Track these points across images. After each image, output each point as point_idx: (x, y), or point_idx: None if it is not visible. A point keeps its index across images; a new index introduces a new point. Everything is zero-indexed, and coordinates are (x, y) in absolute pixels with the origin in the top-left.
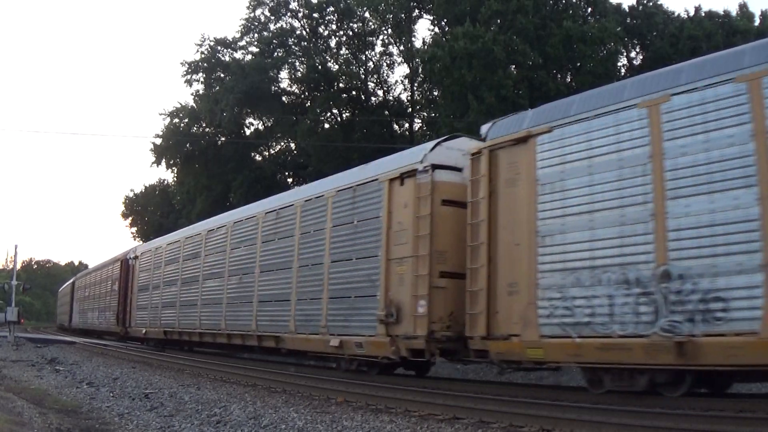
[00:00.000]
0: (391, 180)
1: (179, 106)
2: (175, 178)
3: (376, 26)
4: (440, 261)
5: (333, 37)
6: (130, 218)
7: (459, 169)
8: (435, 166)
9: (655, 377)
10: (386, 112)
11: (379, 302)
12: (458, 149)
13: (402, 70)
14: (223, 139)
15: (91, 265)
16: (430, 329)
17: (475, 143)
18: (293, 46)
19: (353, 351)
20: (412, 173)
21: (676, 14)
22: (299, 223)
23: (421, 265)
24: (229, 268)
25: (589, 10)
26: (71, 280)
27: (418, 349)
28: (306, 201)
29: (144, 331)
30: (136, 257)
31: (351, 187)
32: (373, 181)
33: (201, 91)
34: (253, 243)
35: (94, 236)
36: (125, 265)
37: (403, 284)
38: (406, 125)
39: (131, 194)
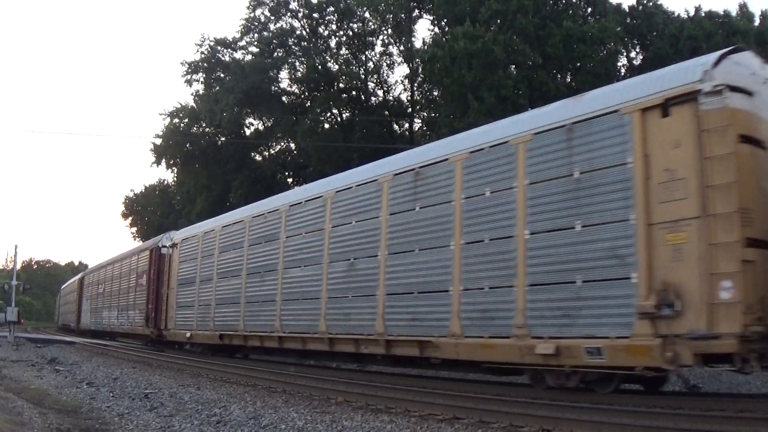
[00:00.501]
0: (645, 110)
1: (179, 106)
2: (175, 178)
3: (376, 26)
4: (745, 223)
5: (333, 37)
6: (130, 218)
7: (751, 93)
8: (730, 88)
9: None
10: (386, 112)
11: (638, 286)
12: (746, 66)
13: (402, 70)
14: (223, 139)
15: (91, 265)
16: (742, 323)
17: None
18: (293, 46)
19: (581, 360)
20: (686, 98)
21: (676, 14)
22: (460, 185)
23: (721, 229)
24: (330, 252)
25: (589, 10)
26: (79, 276)
27: (719, 354)
28: (473, 153)
29: (188, 335)
30: (173, 245)
31: (564, 127)
32: (608, 114)
33: (201, 91)
34: (376, 215)
35: (94, 236)
36: (156, 255)
37: (682, 259)
38: (406, 125)
39: (131, 194)
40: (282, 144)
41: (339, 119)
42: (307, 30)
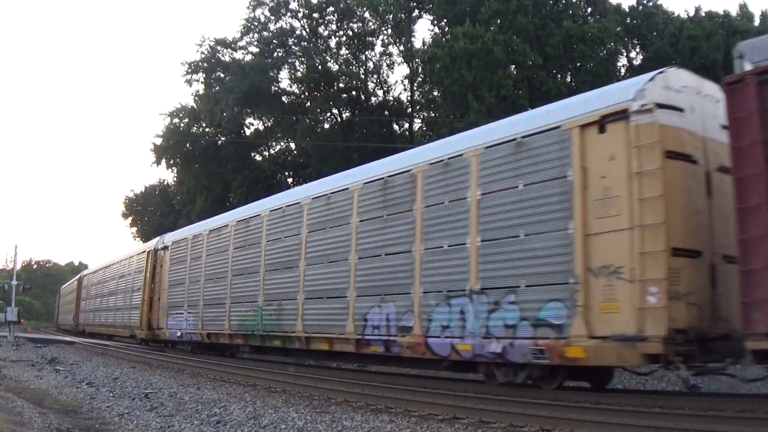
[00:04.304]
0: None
1: (179, 106)
2: (175, 178)
3: (376, 26)
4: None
5: (333, 37)
6: (130, 218)
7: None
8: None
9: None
10: (386, 112)
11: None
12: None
13: (402, 70)
14: (223, 139)
15: (91, 266)
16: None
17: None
18: (293, 46)
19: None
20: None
21: (676, 14)
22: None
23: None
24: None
25: (589, 10)
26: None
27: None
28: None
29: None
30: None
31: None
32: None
33: (201, 91)
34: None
35: (94, 236)
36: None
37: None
38: (406, 125)
39: (131, 194)
40: (282, 144)
41: (339, 119)
42: (307, 30)
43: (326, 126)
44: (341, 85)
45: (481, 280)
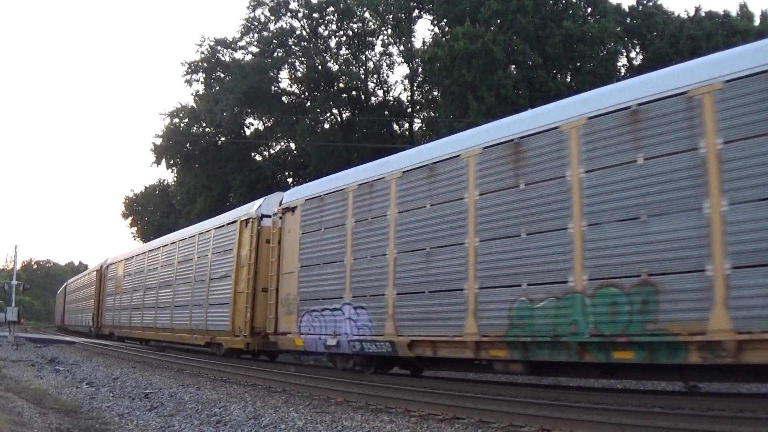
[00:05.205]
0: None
1: (179, 106)
2: (175, 178)
3: (376, 26)
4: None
5: (333, 37)
6: (130, 218)
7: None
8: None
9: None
10: (386, 112)
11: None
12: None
13: (402, 70)
14: (223, 139)
15: (90, 266)
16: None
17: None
18: (293, 46)
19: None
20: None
21: (676, 14)
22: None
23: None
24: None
25: (589, 10)
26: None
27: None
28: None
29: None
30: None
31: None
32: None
33: (201, 91)
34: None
35: (94, 236)
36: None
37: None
38: (406, 125)
39: (131, 194)
40: (282, 144)
41: (339, 119)
42: (307, 30)
43: (326, 126)
44: (341, 85)
45: None
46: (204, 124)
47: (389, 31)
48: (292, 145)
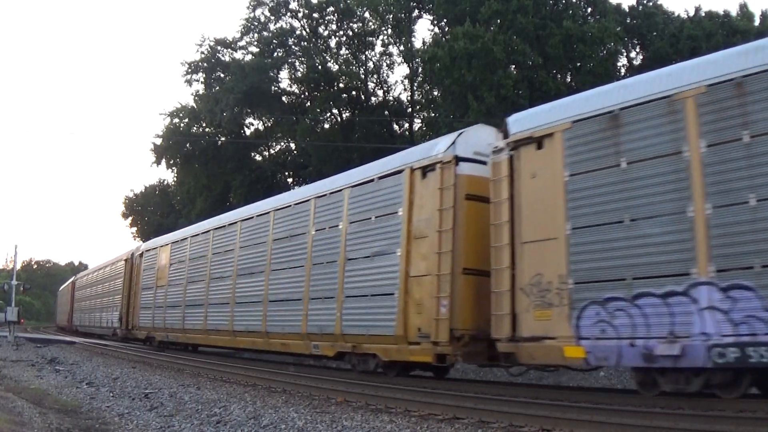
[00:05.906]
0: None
1: (179, 106)
2: (175, 178)
3: (376, 26)
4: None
5: (333, 37)
6: (130, 218)
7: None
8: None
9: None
10: (386, 112)
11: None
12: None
13: (402, 70)
14: (223, 139)
15: (91, 266)
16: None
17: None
18: (293, 46)
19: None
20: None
21: (676, 14)
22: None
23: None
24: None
25: (589, 10)
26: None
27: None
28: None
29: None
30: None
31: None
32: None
33: (201, 91)
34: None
35: (94, 236)
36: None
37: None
38: (406, 125)
39: (131, 194)
40: (282, 144)
41: (339, 119)
42: (307, 30)
43: (326, 126)
44: (341, 85)
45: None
46: (204, 124)
47: (389, 31)
48: (292, 145)
